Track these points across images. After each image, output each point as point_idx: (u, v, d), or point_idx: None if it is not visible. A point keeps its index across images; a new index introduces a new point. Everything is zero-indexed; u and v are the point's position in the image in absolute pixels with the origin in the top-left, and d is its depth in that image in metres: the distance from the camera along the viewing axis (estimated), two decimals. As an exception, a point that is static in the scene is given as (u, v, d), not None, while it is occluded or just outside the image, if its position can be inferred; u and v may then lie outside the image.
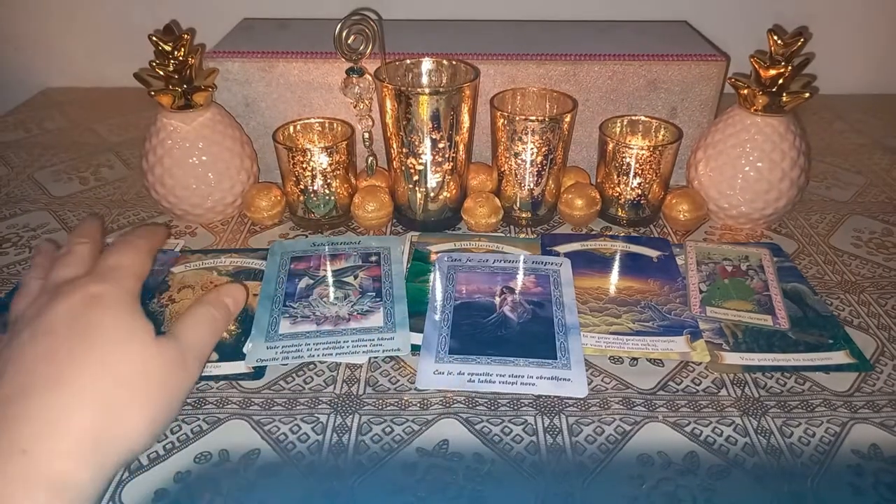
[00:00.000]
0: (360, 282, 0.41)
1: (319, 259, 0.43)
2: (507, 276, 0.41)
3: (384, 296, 0.40)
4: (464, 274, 0.42)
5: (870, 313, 0.39)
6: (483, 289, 0.40)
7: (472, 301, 0.39)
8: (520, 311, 0.38)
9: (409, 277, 0.42)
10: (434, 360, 0.35)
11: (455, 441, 0.31)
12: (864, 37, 0.71)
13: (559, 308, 0.39)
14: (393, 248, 0.44)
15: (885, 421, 0.32)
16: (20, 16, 0.72)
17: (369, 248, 0.44)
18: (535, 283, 0.41)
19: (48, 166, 0.58)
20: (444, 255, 0.43)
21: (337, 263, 0.43)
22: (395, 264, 0.43)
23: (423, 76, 0.47)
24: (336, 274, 0.42)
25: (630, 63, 0.49)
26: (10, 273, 0.43)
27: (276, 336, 0.36)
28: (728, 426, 0.31)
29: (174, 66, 0.44)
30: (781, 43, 0.43)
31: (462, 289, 0.40)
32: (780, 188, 0.45)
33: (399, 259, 0.43)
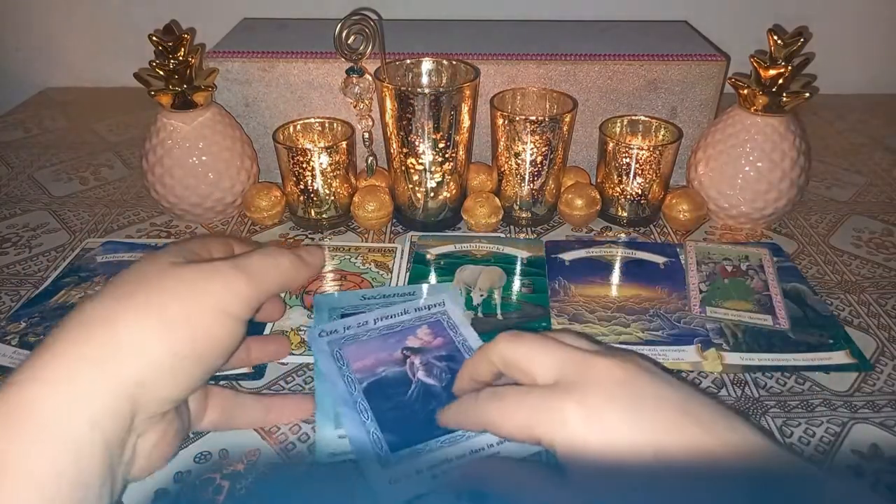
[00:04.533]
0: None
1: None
2: (399, 334, 0.36)
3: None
4: (351, 348, 0.35)
5: (870, 313, 0.39)
6: (382, 358, 0.34)
7: (379, 377, 0.33)
8: (436, 371, 0.34)
9: (411, 280, 0.42)
10: (380, 465, 0.29)
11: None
12: (864, 36, 0.71)
13: (469, 353, 0.34)
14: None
15: (885, 421, 0.32)
16: (20, 15, 0.72)
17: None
18: (431, 333, 0.36)
19: (48, 166, 0.58)
20: (315, 336, 0.35)
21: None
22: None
23: (423, 76, 0.47)
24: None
25: (630, 63, 0.49)
26: (10, 273, 0.43)
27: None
28: (728, 426, 0.31)
29: (174, 65, 0.44)
30: (781, 43, 0.43)
31: (359, 365, 0.34)
32: (780, 188, 0.45)
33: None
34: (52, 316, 0.38)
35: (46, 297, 0.40)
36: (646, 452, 0.22)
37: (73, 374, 0.22)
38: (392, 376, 0.33)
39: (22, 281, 0.42)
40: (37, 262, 0.44)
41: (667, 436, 0.22)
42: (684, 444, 0.22)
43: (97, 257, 0.44)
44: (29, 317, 0.38)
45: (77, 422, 0.21)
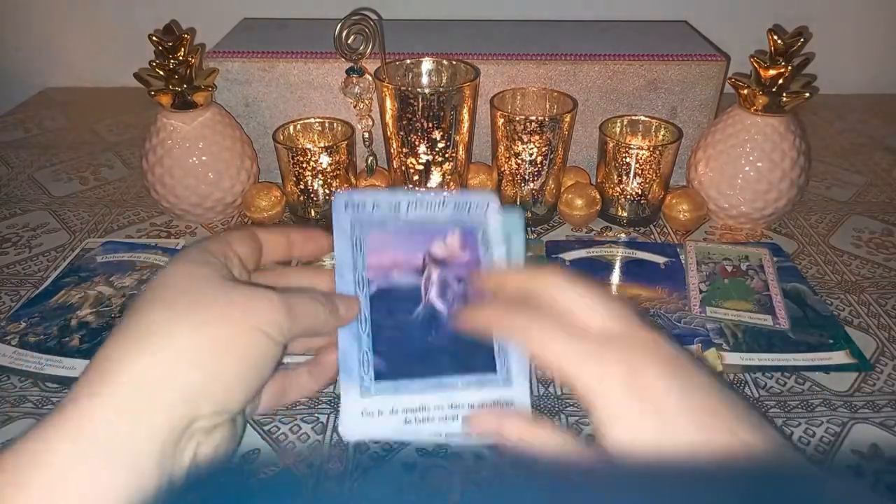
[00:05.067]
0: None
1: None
2: (427, 233, 0.31)
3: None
4: (373, 236, 0.30)
5: (870, 313, 0.39)
6: (402, 261, 0.30)
7: (392, 286, 0.30)
8: (449, 294, 0.30)
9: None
10: (359, 392, 0.28)
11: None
12: (864, 36, 0.71)
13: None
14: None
15: (885, 421, 0.32)
16: (20, 15, 0.72)
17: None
18: (461, 243, 0.31)
19: (48, 166, 0.58)
20: (339, 205, 0.30)
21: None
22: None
23: (423, 76, 0.47)
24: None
25: (630, 63, 0.49)
26: (10, 273, 0.43)
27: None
28: (728, 426, 0.31)
29: (174, 65, 0.44)
30: (781, 42, 0.43)
31: (375, 261, 0.30)
32: (780, 188, 0.45)
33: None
34: (52, 316, 0.38)
35: (46, 297, 0.40)
36: (680, 439, 0.22)
37: (132, 391, 0.22)
38: (404, 287, 0.30)
39: (22, 281, 0.42)
40: (37, 262, 0.44)
41: (697, 428, 0.22)
42: (706, 437, 0.22)
43: (97, 257, 0.44)
44: (29, 317, 0.38)
45: (137, 439, 0.21)
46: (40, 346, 0.36)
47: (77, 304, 0.39)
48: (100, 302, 0.39)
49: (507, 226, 0.31)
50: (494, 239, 0.31)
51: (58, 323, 0.37)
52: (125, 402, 0.21)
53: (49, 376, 0.34)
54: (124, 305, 0.39)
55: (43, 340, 0.36)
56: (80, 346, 0.36)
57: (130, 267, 0.43)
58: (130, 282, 0.41)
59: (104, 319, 0.38)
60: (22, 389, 0.33)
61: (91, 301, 0.39)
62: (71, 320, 0.38)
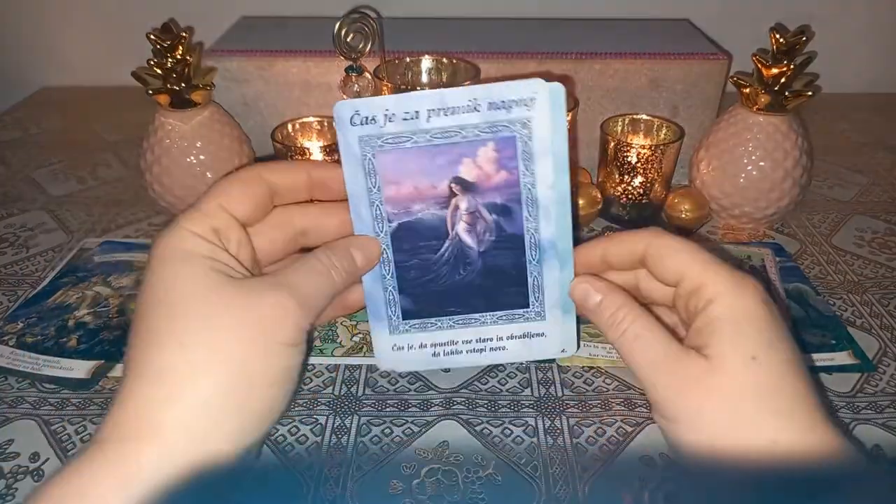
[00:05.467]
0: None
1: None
2: (454, 150, 0.26)
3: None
4: (390, 157, 0.26)
5: (872, 314, 0.39)
6: (424, 189, 0.26)
7: (414, 219, 0.27)
8: (480, 228, 0.27)
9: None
10: (388, 330, 0.28)
11: (455, 443, 0.30)
12: (867, 35, 0.71)
13: (531, 212, 0.26)
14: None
15: (887, 422, 0.31)
16: (18, 14, 0.72)
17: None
18: (495, 160, 0.26)
19: (46, 165, 0.58)
20: (346, 112, 0.25)
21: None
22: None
23: (423, 75, 0.47)
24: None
25: (632, 62, 0.49)
26: (7, 273, 0.43)
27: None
28: (730, 428, 0.31)
29: (172, 64, 0.43)
30: (784, 41, 0.42)
31: (394, 193, 0.26)
32: (783, 187, 0.45)
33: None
34: (50, 316, 0.38)
35: (44, 298, 0.40)
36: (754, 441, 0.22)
37: (173, 435, 0.21)
38: (428, 222, 0.27)
39: (19, 281, 0.42)
40: (34, 262, 0.44)
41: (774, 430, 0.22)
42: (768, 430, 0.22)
43: (95, 257, 0.44)
44: (27, 317, 0.38)
45: (171, 477, 0.21)
46: (38, 346, 0.36)
47: (75, 305, 0.39)
48: (97, 302, 0.39)
49: (555, 121, 0.25)
50: (539, 148, 0.25)
51: (55, 323, 0.37)
52: (170, 446, 0.21)
53: (47, 377, 0.34)
54: (122, 306, 0.39)
55: (40, 341, 0.36)
56: (78, 346, 0.36)
57: (128, 267, 0.43)
58: (128, 282, 0.41)
59: (102, 320, 0.38)
60: (19, 390, 0.33)
61: (89, 301, 0.39)
62: (68, 321, 0.37)
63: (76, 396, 0.33)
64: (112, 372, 0.34)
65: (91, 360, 0.35)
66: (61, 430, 0.31)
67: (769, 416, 0.22)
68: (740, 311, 0.23)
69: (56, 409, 0.32)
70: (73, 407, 0.32)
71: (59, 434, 0.31)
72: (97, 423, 0.31)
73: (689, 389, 0.23)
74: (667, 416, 0.24)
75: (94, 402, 0.33)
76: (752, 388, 0.22)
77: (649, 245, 0.26)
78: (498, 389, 0.33)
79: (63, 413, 0.32)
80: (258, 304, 0.23)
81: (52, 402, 0.33)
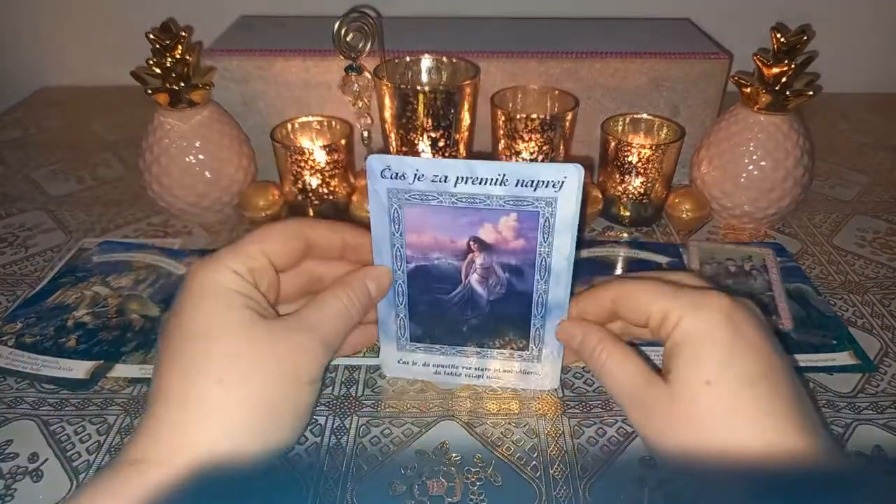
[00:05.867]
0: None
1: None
2: (477, 214, 0.27)
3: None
4: (415, 211, 0.27)
5: (874, 314, 0.39)
6: (444, 242, 0.28)
7: (431, 264, 0.29)
8: (492, 282, 0.29)
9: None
10: (396, 346, 0.32)
11: (455, 443, 0.30)
12: (868, 35, 0.71)
13: (543, 276, 0.28)
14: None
15: (888, 422, 0.31)
16: (17, 14, 0.72)
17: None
18: (515, 229, 0.27)
19: (45, 165, 0.58)
20: (377, 165, 0.27)
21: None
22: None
23: (423, 74, 0.47)
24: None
25: (632, 61, 0.49)
26: (6, 273, 0.43)
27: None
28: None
29: (171, 64, 0.43)
30: (785, 40, 0.42)
31: (415, 240, 0.28)
32: (784, 187, 0.45)
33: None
34: (49, 316, 0.38)
35: (43, 298, 0.40)
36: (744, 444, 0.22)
37: (178, 452, 0.22)
38: (444, 269, 0.29)
39: (18, 281, 0.42)
40: (33, 262, 0.44)
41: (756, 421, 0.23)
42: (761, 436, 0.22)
43: (94, 257, 0.44)
44: (25, 317, 0.38)
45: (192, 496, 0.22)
46: (37, 346, 0.35)
47: (74, 305, 0.39)
48: (96, 302, 0.39)
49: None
50: (562, 225, 0.27)
51: (54, 323, 0.37)
52: (171, 469, 0.22)
53: (46, 377, 0.34)
54: (121, 306, 0.39)
55: (39, 341, 0.36)
56: (77, 346, 0.35)
57: (127, 267, 0.42)
58: (127, 282, 0.41)
59: (101, 320, 0.38)
60: (18, 390, 0.33)
61: (88, 301, 0.39)
62: (67, 321, 0.37)
63: (75, 397, 0.33)
64: (111, 372, 0.34)
65: (90, 361, 0.35)
66: (60, 431, 0.31)
67: (729, 436, 0.23)
68: (697, 332, 0.24)
69: (55, 410, 0.32)
70: (72, 407, 0.32)
71: (58, 434, 0.31)
72: (96, 424, 0.31)
73: (654, 416, 0.25)
74: (641, 436, 0.26)
75: (93, 403, 0.32)
76: (708, 411, 0.23)
77: (615, 295, 0.28)
78: (498, 390, 0.33)
79: (62, 413, 0.32)
80: (287, 345, 0.25)
81: (51, 403, 0.32)
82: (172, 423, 0.23)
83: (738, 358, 0.24)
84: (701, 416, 0.23)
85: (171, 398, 0.24)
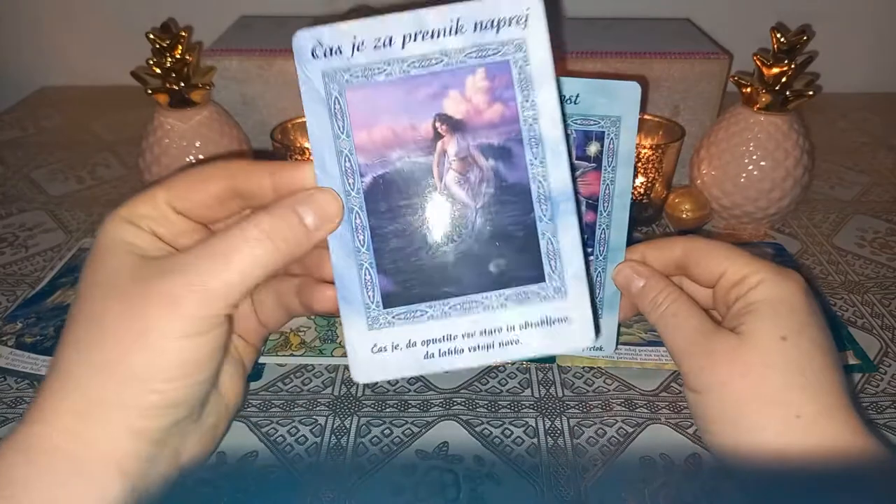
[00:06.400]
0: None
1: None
2: (437, 80, 0.21)
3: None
4: (361, 94, 0.22)
5: (874, 314, 0.39)
6: (402, 131, 0.22)
7: (392, 171, 0.22)
8: (474, 177, 0.22)
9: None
10: (366, 323, 0.22)
11: (455, 443, 0.30)
12: (869, 34, 0.71)
13: (536, 149, 0.22)
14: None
15: (888, 422, 0.31)
16: (17, 14, 0.72)
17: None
18: (487, 90, 0.21)
19: (45, 165, 0.58)
20: (307, 42, 0.22)
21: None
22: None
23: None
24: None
25: (632, 61, 0.49)
26: (6, 273, 0.43)
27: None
28: (731, 428, 0.31)
29: (171, 63, 0.43)
30: (785, 40, 0.42)
31: (366, 139, 0.22)
32: (784, 187, 0.45)
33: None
34: (49, 316, 0.38)
35: (43, 298, 0.40)
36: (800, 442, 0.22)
37: (74, 419, 0.22)
38: (409, 173, 0.22)
39: (18, 281, 0.42)
40: (33, 262, 0.44)
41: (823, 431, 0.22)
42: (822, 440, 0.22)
43: (94, 257, 0.44)
44: (25, 317, 0.38)
45: (95, 464, 0.21)
46: (36, 346, 0.35)
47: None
48: (96, 302, 0.39)
49: (610, 88, 0.22)
50: (539, 73, 0.21)
51: (54, 324, 0.37)
52: (71, 428, 0.22)
53: (46, 377, 0.34)
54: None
55: (39, 341, 0.36)
56: (77, 347, 0.35)
57: (127, 267, 0.42)
58: (127, 282, 0.41)
59: (101, 320, 0.38)
60: (18, 391, 0.33)
61: (87, 301, 0.39)
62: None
63: (75, 397, 0.33)
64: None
65: (90, 361, 0.35)
66: (60, 431, 0.31)
67: (794, 391, 0.23)
68: (779, 295, 0.24)
69: (55, 410, 0.32)
70: (71, 407, 0.32)
71: (58, 435, 0.31)
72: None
73: (717, 362, 0.24)
74: (695, 388, 0.24)
75: (93, 403, 0.32)
76: (780, 364, 0.23)
77: (687, 248, 0.27)
78: (498, 390, 0.33)
79: (62, 414, 0.32)
80: (143, 297, 0.21)
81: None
82: (42, 389, 0.23)
83: (814, 328, 0.24)
84: (772, 366, 0.23)
85: (52, 363, 0.23)
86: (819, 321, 0.24)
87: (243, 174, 0.23)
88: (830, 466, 0.21)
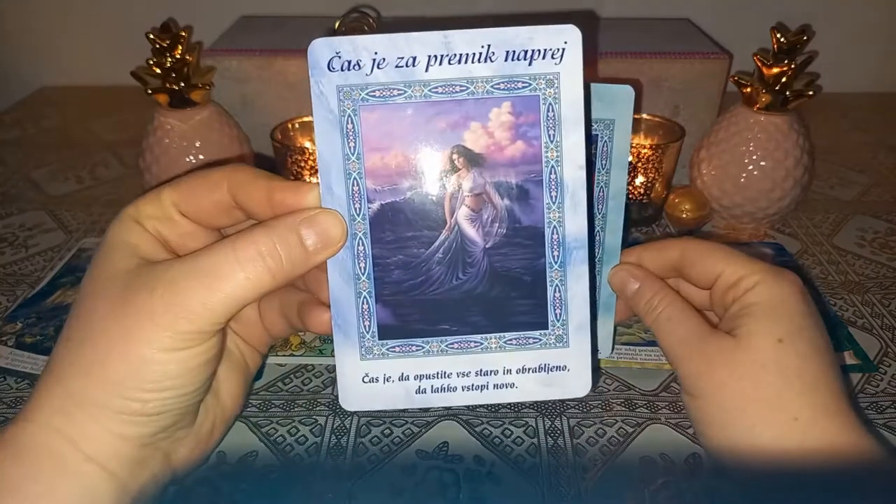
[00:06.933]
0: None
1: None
2: (459, 109, 0.20)
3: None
4: (376, 115, 0.20)
5: (874, 314, 0.39)
6: (417, 160, 0.21)
7: (401, 200, 0.21)
8: (487, 216, 0.21)
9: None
10: (359, 353, 0.22)
11: (455, 443, 0.30)
12: (869, 34, 0.71)
13: (556, 193, 0.21)
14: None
15: (888, 422, 0.31)
16: (17, 14, 0.72)
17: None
18: (511, 126, 0.20)
19: (44, 165, 0.58)
20: (324, 53, 0.20)
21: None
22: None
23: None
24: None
25: (632, 61, 0.49)
26: (6, 273, 0.43)
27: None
28: (731, 428, 0.31)
29: (171, 63, 0.43)
30: (785, 40, 0.42)
31: (378, 163, 0.21)
32: (784, 187, 0.45)
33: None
34: (49, 317, 0.38)
35: (43, 298, 0.40)
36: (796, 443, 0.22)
37: (67, 416, 0.22)
38: (419, 205, 0.21)
39: (18, 281, 0.42)
40: (33, 262, 0.44)
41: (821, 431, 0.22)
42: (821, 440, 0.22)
43: (94, 257, 0.44)
44: (25, 317, 0.38)
45: (81, 464, 0.21)
46: (37, 346, 0.35)
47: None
48: (96, 302, 0.39)
49: (603, 92, 0.21)
50: (569, 113, 0.20)
51: (54, 324, 0.37)
52: (57, 426, 0.22)
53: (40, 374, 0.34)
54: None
55: (39, 341, 0.36)
56: (77, 347, 0.35)
57: (127, 267, 0.42)
58: (127, 282, 0.41)
59: (101, 320, 0.38)
60: (18, 391, 0.33)
61: (87, 302, 0.39)
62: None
63: (75, 397, 0.33)
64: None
65: (90, 361, 0.35)
66: (60, 431, 0.31)
67: (792, 394, 0.23)
68: (775, 297, 0.24)
69: (55, 410, 0.32)
70: (71, 407, 0.32)
71: (58, 435, 0.31)
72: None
73: (715, 365, 0.23)
74: (693, 392, 0.24)
75: (93, 403, 0.32)
76: (777, 367, 0.23)
77: (684, 250, 0.27)
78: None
79: (62, 414, 0.32)
80: (130, 306, 0.21)
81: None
82: (37, 385, 0.23)
83: (811, 329, 0.24)
84: (769, 369, 0.23)
85: (48, 359, 0.23)
86: (816, 323, 0.24)
87: (243, 192, 0.22)
88: (829, 468, 0.21)
